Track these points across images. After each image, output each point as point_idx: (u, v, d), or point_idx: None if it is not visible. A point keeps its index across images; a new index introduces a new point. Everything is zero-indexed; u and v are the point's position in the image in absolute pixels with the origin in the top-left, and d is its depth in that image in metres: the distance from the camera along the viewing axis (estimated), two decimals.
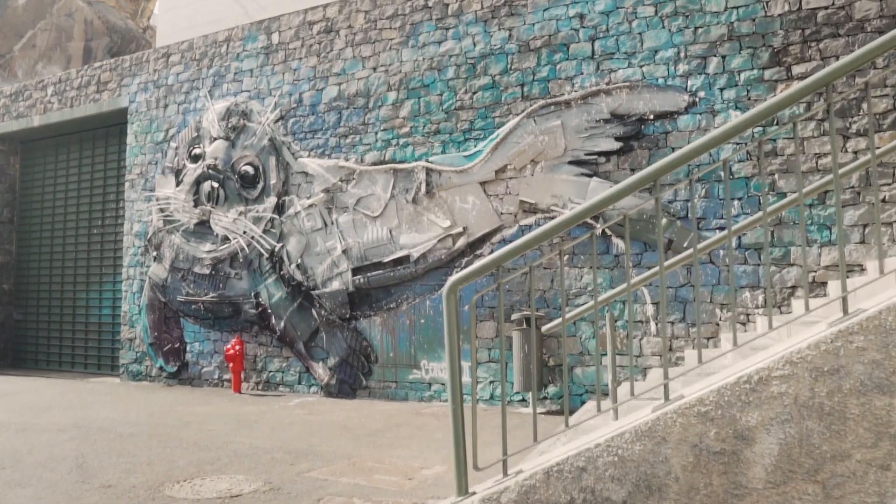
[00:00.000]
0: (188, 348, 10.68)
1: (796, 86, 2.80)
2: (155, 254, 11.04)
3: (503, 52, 8.68)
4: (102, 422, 7.57)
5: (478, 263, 3.14)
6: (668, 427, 2.55)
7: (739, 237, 7.45)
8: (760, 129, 7.42)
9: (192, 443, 6.44)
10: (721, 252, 7.53)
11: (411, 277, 8.94)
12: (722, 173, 7.61)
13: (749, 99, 7.53)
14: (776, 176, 7.36)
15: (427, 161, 8.94)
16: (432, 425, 7.33)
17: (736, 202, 7.50)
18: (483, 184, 8.60)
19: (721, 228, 7.53)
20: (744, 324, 7.41)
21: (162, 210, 11.01)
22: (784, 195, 7.30)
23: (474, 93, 8.79)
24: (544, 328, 5.42)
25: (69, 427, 7.25)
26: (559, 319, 5.54)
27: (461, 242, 8.65)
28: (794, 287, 7.24)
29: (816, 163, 7.25)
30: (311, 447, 6.23)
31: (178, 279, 10.74)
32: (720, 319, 7.50)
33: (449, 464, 5.11)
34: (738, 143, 7.53)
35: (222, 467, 5.46)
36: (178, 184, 10.87)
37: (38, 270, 13.44)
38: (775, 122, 7.39)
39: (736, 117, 7.67)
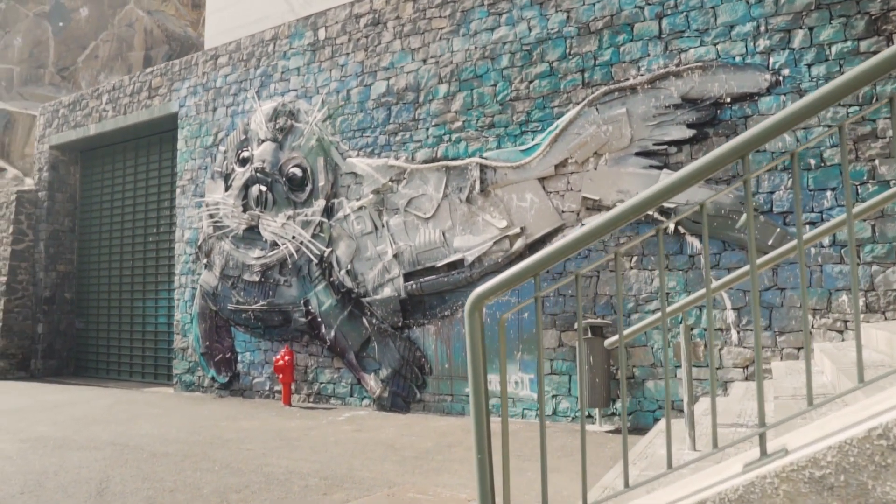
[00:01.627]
0: (239, 358, 10.35)
1: None
2: (205, 261, 10.77)
3: (561, 36, 7.97)
4: (141, 438, 7.22)
5: (507, 272, 2.50)
6: (768, 496, 1.84)
7: (834, 233, 6.53)
8: (857, 108, 6.49)
9: (225, 465, 5.98)
10: (812, 251, 6.62)
11: (466, 283, 8.32)
12: (812, 161, 6.70)
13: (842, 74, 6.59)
14: (877, 162, 6.41)
15: (481, 157, 8.31)
16: None
17: (829, 193, 6.58)
18: (542, 180, 7.90)
19: (812, 224, 6.62)
20: (841, 332, 6.49)
21: (211, 216, 10.73)
22: (887, 184, 6.35)
23: (530, 82, 8.11)
24: (606, 343, 4.71)
25: (105, 444, 6.92)
26: (621, 334, 4.82)
27: (519, 244, 7.98)
28: None
29: None
30: (351, 472, 5.68)
31: (229, 287, 10.43)
32: (813, 327, 6.58)
33: (499, 498, 4.47)
34: (829, 126, 6.61)
35: (249, 497, 4.96)
36: (226, 188, 10.57)
37: (97, 279, 13.43)
38: (875, 100, 6.45)
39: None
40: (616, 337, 4.69)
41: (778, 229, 6.73)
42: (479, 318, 2.49)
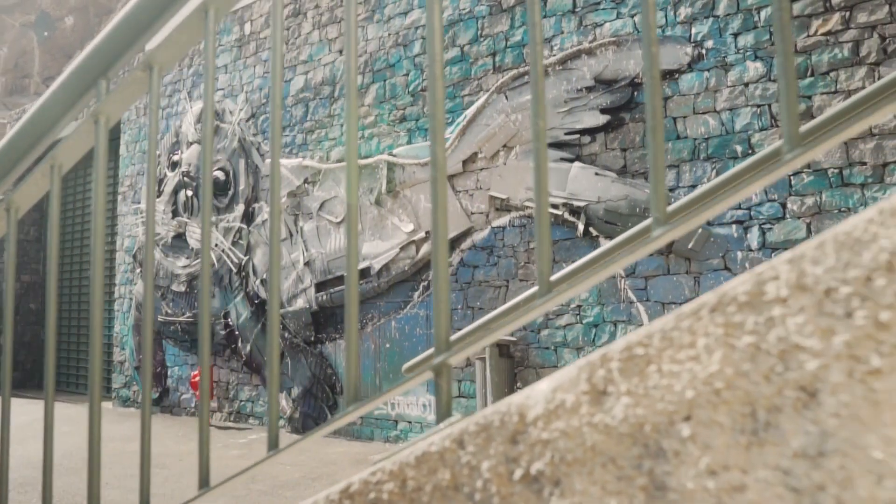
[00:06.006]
0: (169, 373, 9.74)
1: None
2: (139, 271, 10.24)
3: (473, 17, 7.11)
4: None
5: None
6: None
7: (763, 232, 5.46)
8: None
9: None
10: (738, 254, 5.56)
11: (374, 293, 7.49)
12: (738, 147, 5.65)
13: (773, 44, 5.53)
14: None
15: (389, 154, 7.49)
16: None
17: None
18: (450, 178, 7.03)
19: (739, 223, 5.57)
20: None
21: (144, 223, 10.19)
22: (824, 173, 5.27)
23: (442, 69, 7.25)
24: (405, 367, 3.83)
25: None
26: (426, 353, 3.93)
27: (425, 250, 7.11)
28: None
29: (871, 129, 5.17)
30: None
31: (159, 297, 9.85)
32: None
33: None
34: (757, 106, 5.55)
35: None
36: (158, 195, 10.02)
37: (60, 289, 13.11)
38: (810, 73, 5.38)
39: (753, 70, 5.70)
40: (414, 360, 3.80)
41: (700, 230, 5.69)
42: None
